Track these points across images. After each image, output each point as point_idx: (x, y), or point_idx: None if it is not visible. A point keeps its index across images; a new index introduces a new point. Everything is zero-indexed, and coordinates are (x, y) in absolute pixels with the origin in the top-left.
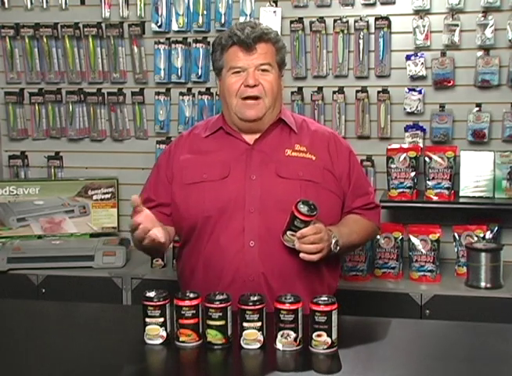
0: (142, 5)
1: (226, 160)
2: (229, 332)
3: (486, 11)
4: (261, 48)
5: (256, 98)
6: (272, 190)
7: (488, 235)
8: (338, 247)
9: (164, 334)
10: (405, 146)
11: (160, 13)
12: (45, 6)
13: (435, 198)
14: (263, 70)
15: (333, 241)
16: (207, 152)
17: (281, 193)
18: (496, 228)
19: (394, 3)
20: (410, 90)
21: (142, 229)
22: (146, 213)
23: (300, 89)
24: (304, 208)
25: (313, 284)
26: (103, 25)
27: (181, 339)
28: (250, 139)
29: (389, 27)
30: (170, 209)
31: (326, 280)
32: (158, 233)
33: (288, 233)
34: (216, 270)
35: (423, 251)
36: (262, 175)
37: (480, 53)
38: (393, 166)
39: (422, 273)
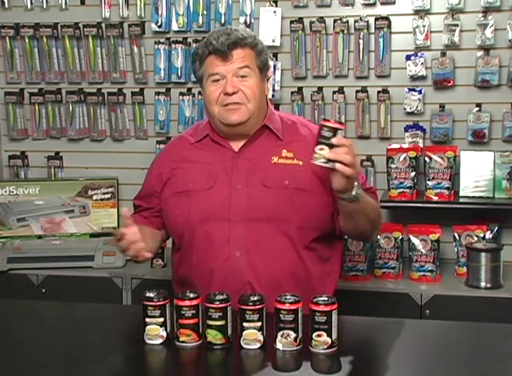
0: (142, 5)
1: (212, 169)
2: (229, 332)
3: (486, 11)
4: (237, 53)
5: (237, 103)
6: (258, 200)
7: (488, 235)
8: (359, 192)
9: (164, 334)
10: (405, 146)
11: (160, 13)
12: (45, 6)
13: (435, 198)
14: (242, 77)
15: (356, 183)
16: (195, 160)
17: (266, 202)
18: (496, 228)
19: (394, 3)
20: (410, 90)
21: (127, 241)
22: (135, 229)
23: (300, 89)
24: (330, 118)
25: (304, 293)
26: (103, 25)
27: (181, 339)
28: (236, 146)
29: (389, 27)
30: (151, 212)
31: (318, 288)
32: (143, 247)
33: (317, 148)
34: (204, 279)
35: (423, 251)
36: (248, 184)
37: (480, 53)
38: (393, 166)
39: (422, 273)
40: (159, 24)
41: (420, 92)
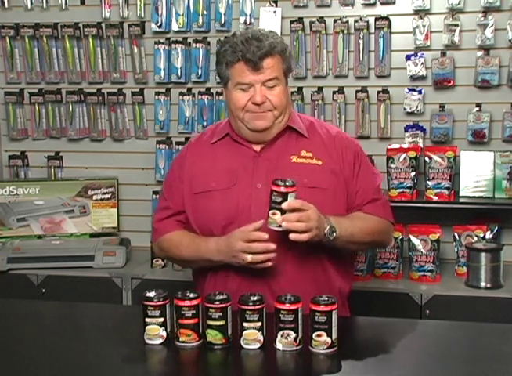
0: (142, 5)
1: (233, 168)
2: (229, 332)
3: (486, 11)
4: (267, 63)
5: (263, 111)
6: None
7: (488, 235)
8: (335, 234)
9: (164, 334)
10: (405, 146)
11: (160, 13)
12: (45, 6)
13: (435, 198)
14: (270, 85)
15: (328, 227)
16: (215, 159)
17: None
18: (496, 228)
19: (394, 3)
20: (410, 90)
21: (266, 247)
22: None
23: (300, 89)
24: (279, 181)
25: (323, 291)
26: (103, 25)
27: (181, 339)
28: (256, 145)
29: (389, 27)
30: (185, 216)
31: (337, 285)
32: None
33: (270, 213)
34: (223, 278)
35: (423, 251)
36: (268, 183)
37: (480, 53)
38: (393, 166)
39: (422, 273)
40: (159, 24)
41: (420, 92)
